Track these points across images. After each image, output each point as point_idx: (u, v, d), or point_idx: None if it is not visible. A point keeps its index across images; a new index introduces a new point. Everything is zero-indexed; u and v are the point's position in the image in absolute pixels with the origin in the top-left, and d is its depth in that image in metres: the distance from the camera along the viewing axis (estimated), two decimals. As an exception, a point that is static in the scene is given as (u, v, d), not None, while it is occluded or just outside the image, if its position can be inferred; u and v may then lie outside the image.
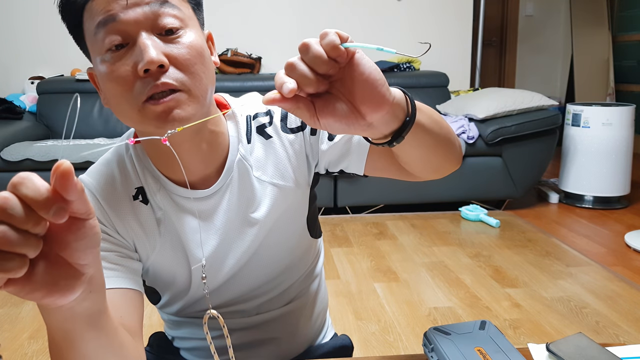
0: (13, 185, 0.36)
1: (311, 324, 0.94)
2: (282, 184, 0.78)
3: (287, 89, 0.48)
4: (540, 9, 5.45)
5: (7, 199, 0.36)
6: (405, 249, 2.74)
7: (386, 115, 0.54)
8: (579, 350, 0.68)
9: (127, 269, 0.72)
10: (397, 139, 0.58)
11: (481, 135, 3.20)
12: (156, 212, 0.74)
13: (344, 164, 0.78)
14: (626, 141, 3.25)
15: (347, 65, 0.50)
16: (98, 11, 0.61)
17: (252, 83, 3.61)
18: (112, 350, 0.57)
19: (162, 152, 0.71)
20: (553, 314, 2.02)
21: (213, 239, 0.76)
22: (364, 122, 0.53)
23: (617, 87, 5.06)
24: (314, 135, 0.78)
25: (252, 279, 0.82)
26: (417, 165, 0.71)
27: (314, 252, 0.91)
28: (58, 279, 0.41)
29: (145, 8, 0.61)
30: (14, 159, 2.90)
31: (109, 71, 0.62)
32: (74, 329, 0.50)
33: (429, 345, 0.71)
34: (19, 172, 0.37)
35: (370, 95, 0.51)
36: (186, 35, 0.64)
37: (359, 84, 0.51)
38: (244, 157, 0.75)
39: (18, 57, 3.84)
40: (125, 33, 0.61)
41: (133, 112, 0.62)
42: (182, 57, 0.62)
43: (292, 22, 4.02)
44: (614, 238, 2.84)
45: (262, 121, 0.78)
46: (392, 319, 2.01)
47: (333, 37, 0.48)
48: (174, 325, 0.91)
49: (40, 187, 0.36)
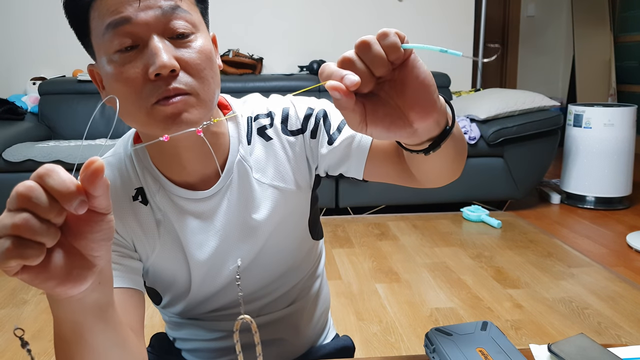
0: (39, 176, 0.38)
1: (313, 324, 0.94)
2: (282, 186, 0.77)
3: (351, 81, 0.44)
4: (542, 9, 5.44)
5: (32, 188, 0.37)
6: (406, 250, 2.74)
7: (432, 123, 0.52)
8: (580, 351, 0.68)
9: (128, 268, 0.72)
10: (435, 147, 0.55)
11: (483, 135, 3.19)
12: (156, 213, 0.74)
13: (343, 168, 0.78)
14: (628, 142, 3.24)
15: (400, 67, 0.47)
16: (108, 11, 0.60)
17: (254, 84, 3.62)
18: (118, 344, 0.57)
19: (162, 152, 0.71)
20: (555, 314, 2.01)
21: (213, 240, 0.76)
22: (410, 129, 0.50)
23: (618, 88, 5.06)
24: (314, 138, 0.77)
25: (253, 281, 0.82)
26: (433, 174, 0.69)
27: (315, 254, 0.90)
28: (71, 269, 0.41)
29: (157, 11, 0.61)
30: (15, 159, 2.90)
31: (117, 72, 0.61)
32: (83, 320, 0.51)
33: (431, 346, 0.71)
34: (29, 171, 0.38)
35: (423, 100, 0.48)
36: (197, 40, 0.64)
37: (413, 87, 0.48)
38: (244, 158, 0.75)
39: (20, 57, 3.84)
40: (137, 35, 0.61)
41: (140, 114, 0.62)
42: (192, 61, 0.62)
43: (293, 23, 4.03)
44: (615, 239, 2.84)
45: (262, 122, 0.78)
46: (394, 320, 2.01)
47: (395, 39, 0.45)
48: (176, 327, 0.91)
49: (66, 180, 0.38)
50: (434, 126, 0.53)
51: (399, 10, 4.08)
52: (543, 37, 5.46)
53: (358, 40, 0.45)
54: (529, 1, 5.41)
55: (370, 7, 4.04)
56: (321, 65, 3.16)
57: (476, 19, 4.21)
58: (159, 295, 0.84)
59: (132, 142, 0.76)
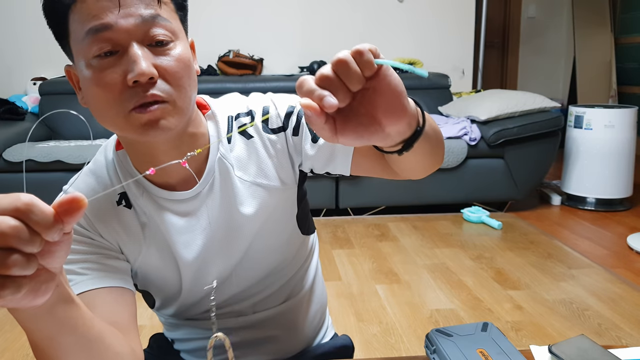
0: (19, 211, 0.38)
1: (309, 322, 0.94)
2: (265, 183, 0.78)
3: (330, 104, 0.46)
4: (543, 10, 5.44)
5: (18, 228, 0.37)
6: (406, 251, 2.74)
7: (403, 126, 0.54)
8: (581, 352, 0.68)
9: (113, 268, 0.73)
10: (407, 148, 0.58)
11: (483, 137, 3.19)
12: (140, 217, 0.75)
13: (330, 167, 0.78)
14: (629, 143, 3.24)
15: (372, 77, 0.49)
16: (89, 16, 0.61)
17: (254, 84, 3.61)
18: (91, 339, 0.58)
19: (143, 155, 0.72)
20: (555, 316, 2.01)
21: (199, 239, 0.77)
22: (382, 134, 0.52)
23: (619, 89, 5.06)
24: (297, 135, 0.77)
25: (245, 277, 0.82)
26: (412, 169, 0.71)
27: (307, 249, 0.91)
28: (39, 285, 0.42)
29: (137, 19, 0.62)
30: (16, 159, 2.91)
31: (96, 77, 0.62)
32: (51, 324, 0.52)
33: (431, 347, 0.71)
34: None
35: (394, 106, 0.50)
36: (176, 47, 0.65)
37: (385, 96, 0.50)
38: (224, 156, 0.76)
39: (20, 58, 3.85)
40: (116, 42, 0.62)
41: (118, 118, 0.63)
42: (171, 69, 0.63)
43: (293, 24, 4.03)
44: (616, 240, 2.83)
45: (243, 121, 0.78)
46: (394, 321, 2.01)
47: (370, 56, 0.47)
48: (172, 327, 0.91)
49: (48, 213, 0.38)
50: (406, 128, 0.55)
51: (399, 11, 4.08)
52: (544, 38, 5.46)
53: (334, 58, 0.47)
54: (529, 2, 5.41)
55: (370, 8, 4.04)
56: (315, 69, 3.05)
57: (477, 20, 4.21)
58: (152, 298, 0.84)
59: (114, 148, 0.76)
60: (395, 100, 0.50)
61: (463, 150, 3.16)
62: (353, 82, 0.47)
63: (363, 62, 0.47)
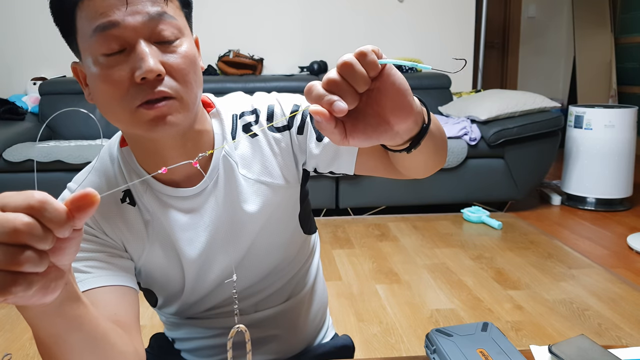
0: (33, 209, 0.38)
1: (310, 321, 0.94)
2: (269, 181, 0.78)
3: (339, 108, 0.47)
4: (543, 10, 5.44)
5: (31, 225, 0.38)
6: (406, 251, 2.74)
7: (411, 124, 0.54)
8: (581, 352, 0.68)
9: (117, 266, 0.73)
10: (416, 145, 0.58)
11: (483, 136, 3.19)
12: (144, 214, 0.75)
13: (334, 166, 0.78)
14: (629, 143, 3.24)
15: (376, 77, 0.50)
16: (96, 13, 0.61)
17: (254, 84, 3.61)
18: (97, 337, 0.58)
19: (147, 152, 0.72)
20: (555, 316, 2.01)
21: (202, 236, 0.77)
22: (391, 132, 0.53)
23: (619, 89, 5.06)
24: (301, 134, 0.78)
25: (247, 276, 0.82)
26: (416, 167, 0.72)
27: (308, 248, 0.91)
28: (49, 282, 0.42)
29: (144, 17, 0.62)
30: (16, 159, 2.91)
31: (104, 74, 0.63)
32: (59, 322, 0.52)
33: (431, 346, 0.71)
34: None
35: (400, 104, 0.51)
36: (182, 45, 0.65)
37: (390, 95, 0.51)
38: (228, 154, 0.76)
39: (20, 58, 3.85)
40: (124, 39, 0.62)
41: (125, 114, 0.64)
42: (177, 66, 0.64)
43: (294, 24, 4.03)
44: (616, 240, 2.83)
45: (248, 120, 0.79)
46: (394, 321, 2.01)
47: (373, 57, 0.48)
48: (173, 327, 0.91)
49: (61, 210, 0.39)
50: (413, 126, 0.56)
51: (399, 11, 4.08)
52: (544, 38, 5.46)
53: (339, 62, 0.48)
54: (529, 2, 5.42)
55: (371, 7, 4.04)
56: (321, 71, 3.06)
57: (477, 20, 4.21)
58: (154, 296, 0.84)
59: (118, 145, 0.76)
60: (401, 98, 0.51)
61: (463, 150, 3.16)
62: (359, 83, 0.48)
63: (367, 63, 0.48)
